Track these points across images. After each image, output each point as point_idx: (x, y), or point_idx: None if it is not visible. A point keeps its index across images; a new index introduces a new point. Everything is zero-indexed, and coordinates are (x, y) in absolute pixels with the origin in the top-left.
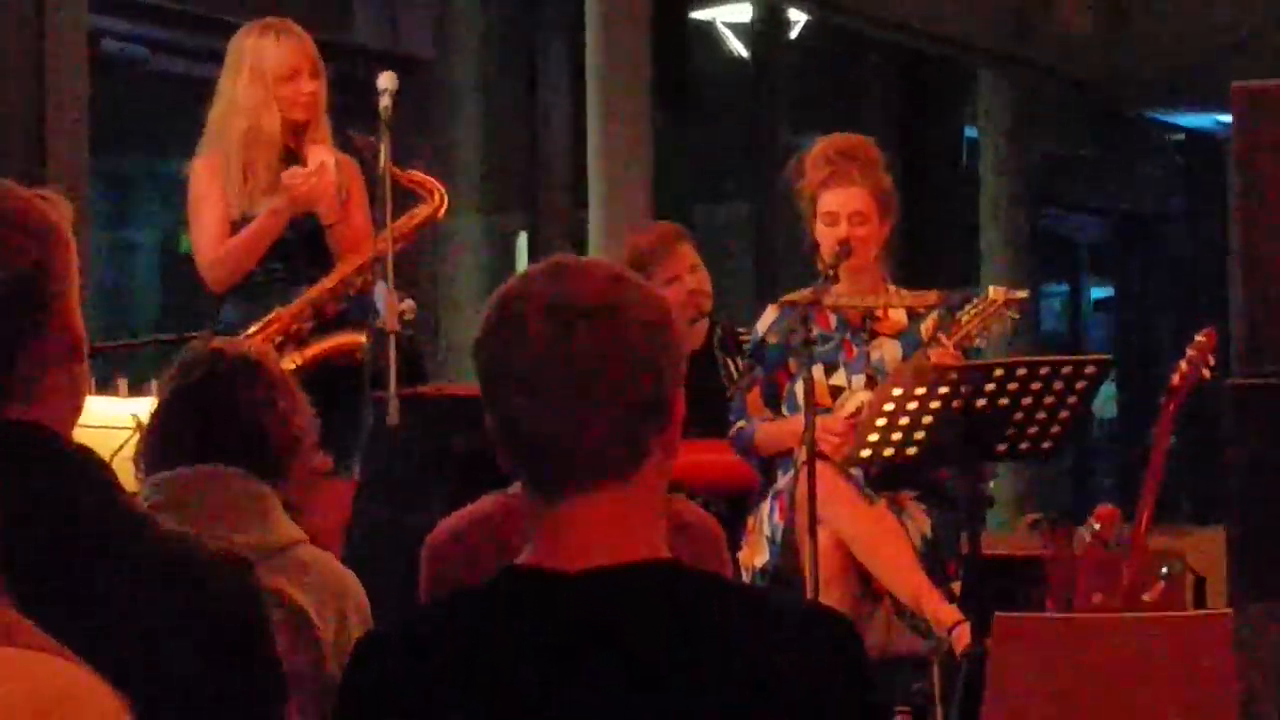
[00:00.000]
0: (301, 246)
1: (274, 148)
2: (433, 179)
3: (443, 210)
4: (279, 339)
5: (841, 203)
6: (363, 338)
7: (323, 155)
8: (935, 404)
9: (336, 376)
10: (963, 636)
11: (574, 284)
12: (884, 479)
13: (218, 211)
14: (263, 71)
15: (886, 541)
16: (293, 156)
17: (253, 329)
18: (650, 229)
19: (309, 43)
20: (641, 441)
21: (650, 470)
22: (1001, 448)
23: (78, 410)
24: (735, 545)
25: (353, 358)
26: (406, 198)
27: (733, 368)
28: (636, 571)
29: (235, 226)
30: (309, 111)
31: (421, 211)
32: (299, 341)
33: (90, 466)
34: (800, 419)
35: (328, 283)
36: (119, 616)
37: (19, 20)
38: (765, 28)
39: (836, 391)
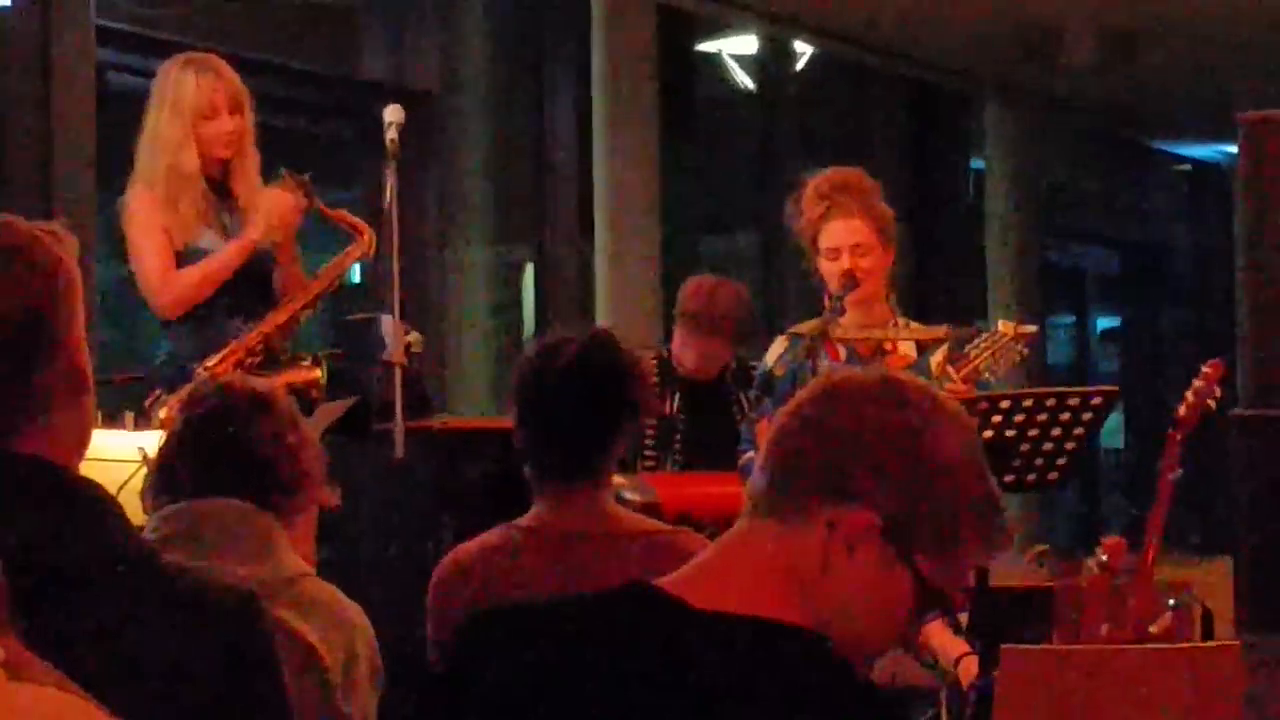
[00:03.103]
0: (243, 281)
1: (196, 183)
2: (359, 219)
3: (372, 249)
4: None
5: (842, 236)
6: (317, 374)
7: (271, 194)
8: None
9: None
10: (970, 668)
11: (897, 375)
12: None
13: (160, 242)
14: (181, 108)
15: None
16: (225, 191)
17: (210, 362)
18: (719, 305)
19: (230, 79)
20: (788, 495)
21: (809, 538)
22: (1008, 479)
23: (84, 444)
24: None
25: (307, 394)
26: (338, 237)
27: (744, 402)
28: (750, 628)
29: (178, 257)
30: (230, 149)
31: (351, 252)
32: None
33: (96, 500)
34: None
35: (279, 317)
36: (125, 651)
37: (26, 53)
38: (771, 59)
39: None
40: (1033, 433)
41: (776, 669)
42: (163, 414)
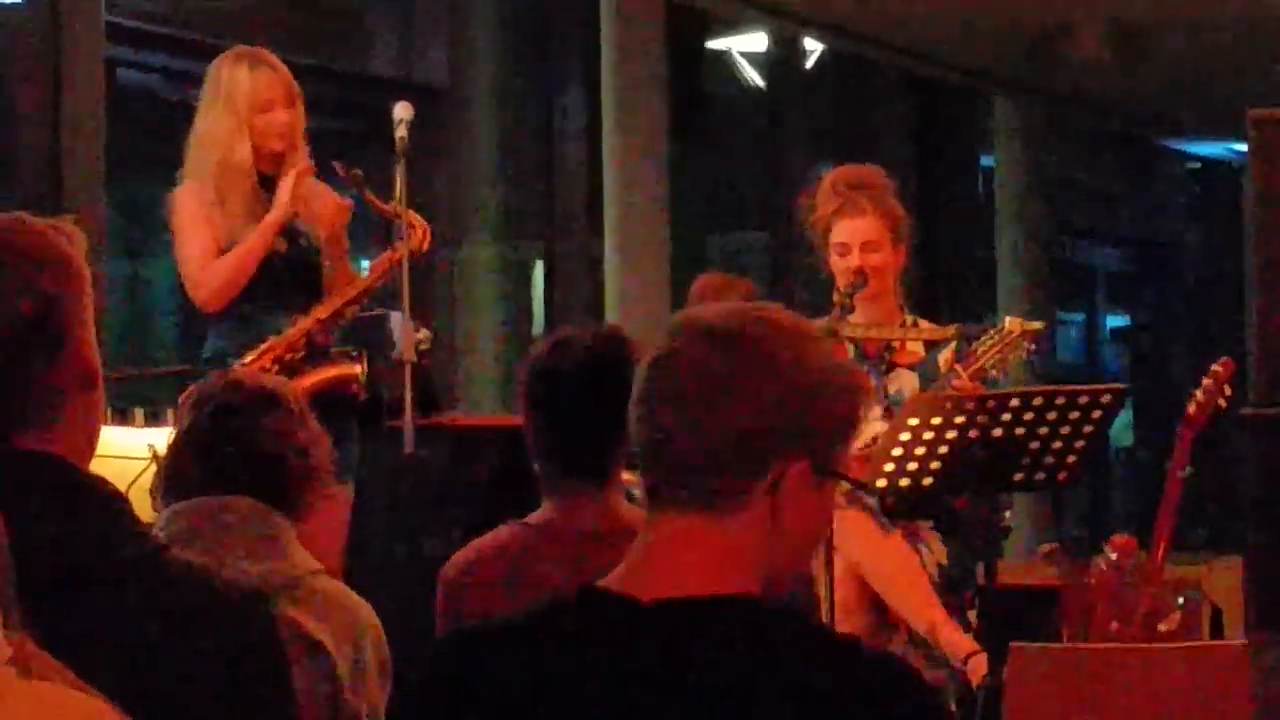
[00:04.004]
0: (289, 276)
1: (247, 178)
2: (414, 213)
3: (426, 244)
4: (274, 368)
5: (853, 233)
6: (358, 370)
7: (286, 179)
8: (951, 434)
9: (329, 407)
10: (979, 667)
11: (733, 317)
12: (900, 509)
13: (205, 238)
14: (235, 101)
15: (902, 571)
16: (271, 186)
17: (248, 357)
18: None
19: (284, 72)
20: (736, 478)
21: (748, 519)
22: (1018, 477)
23: (93, 441)
24: None
25: (348, 390)
26: (389, 231)
27: None
28: (707, 606)
29: (222, 255)
30: (284, 141)
31: (404, 246)
32: (291, 370)
33: (106, 497)
34: None
35: (321, 312)
36: (135, 648)
37: (35, 50)
38: (781, 57)
39: None
40: (1042, 431)
41: (772, 648)
42: None
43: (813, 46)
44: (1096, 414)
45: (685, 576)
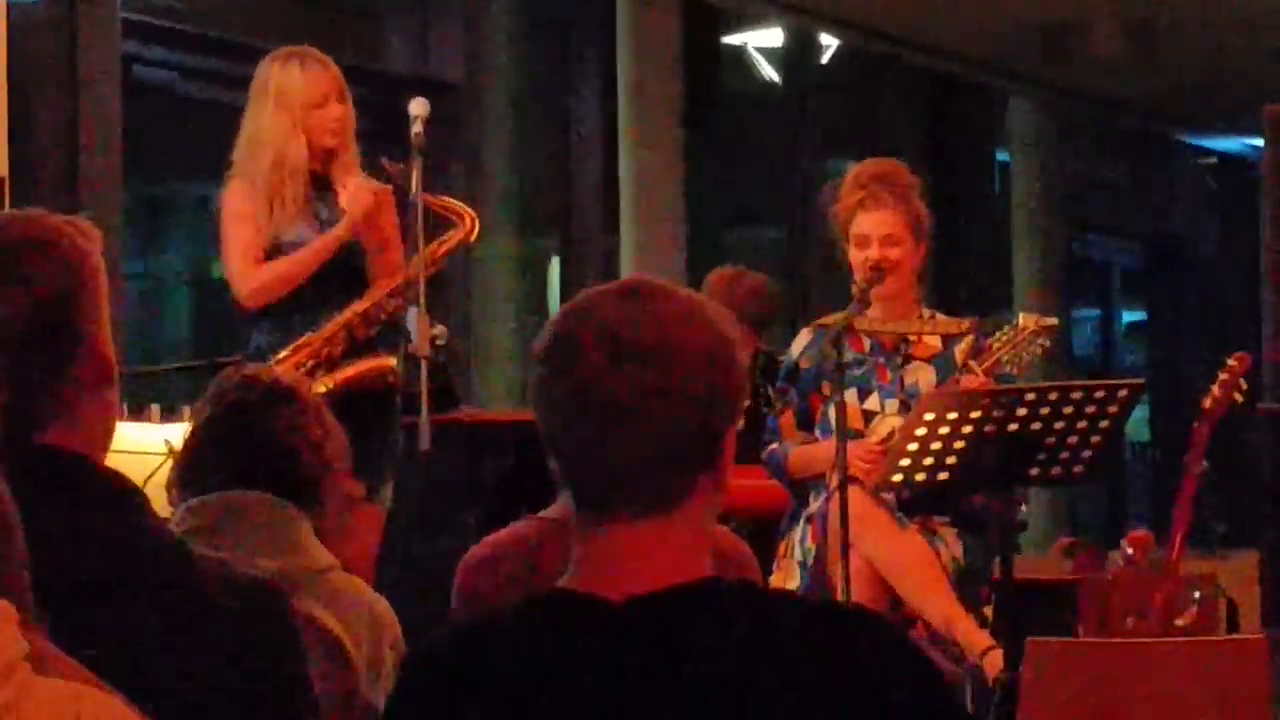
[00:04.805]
0: (332, 271)
1: (301, 175)
2: (463, 204)
3: (474, 235)
4: (310, 363)
5: (873, 225)
6: (394, 361)
7: (361, 183)
8: (967, 428)
9: (367, 400)
10: (995, 662)
11: (636, 314)
12: (916, 503)
13: (250, 237)
14: (289, 99)
15: (918, 566)
16: (322, 183)
17: (284, 353)
18: (739, 296)
19: (335, 69)
20: (684, 477)
21: (696, 504)
22: (1034, 472)
23: (109, 436)
24: (766, 569)
25: (385, 381)
26: (437, 223)
27: (770, 393)
28: (678, 595)
29: (266, 255)
30: (338, 137)
31: (453, 237)
32: (330, 366)
33: (122, 492)
34: (833, 443)
35: (360, 306)
36: (151, 643)
37: (52, 47)
38: (796, 53)
39: (869, 416)
40: (1058, 426)
41: (766, 626)
42: None
43: (828, 42)
44: (1112, 409)
45: (649, 575)
